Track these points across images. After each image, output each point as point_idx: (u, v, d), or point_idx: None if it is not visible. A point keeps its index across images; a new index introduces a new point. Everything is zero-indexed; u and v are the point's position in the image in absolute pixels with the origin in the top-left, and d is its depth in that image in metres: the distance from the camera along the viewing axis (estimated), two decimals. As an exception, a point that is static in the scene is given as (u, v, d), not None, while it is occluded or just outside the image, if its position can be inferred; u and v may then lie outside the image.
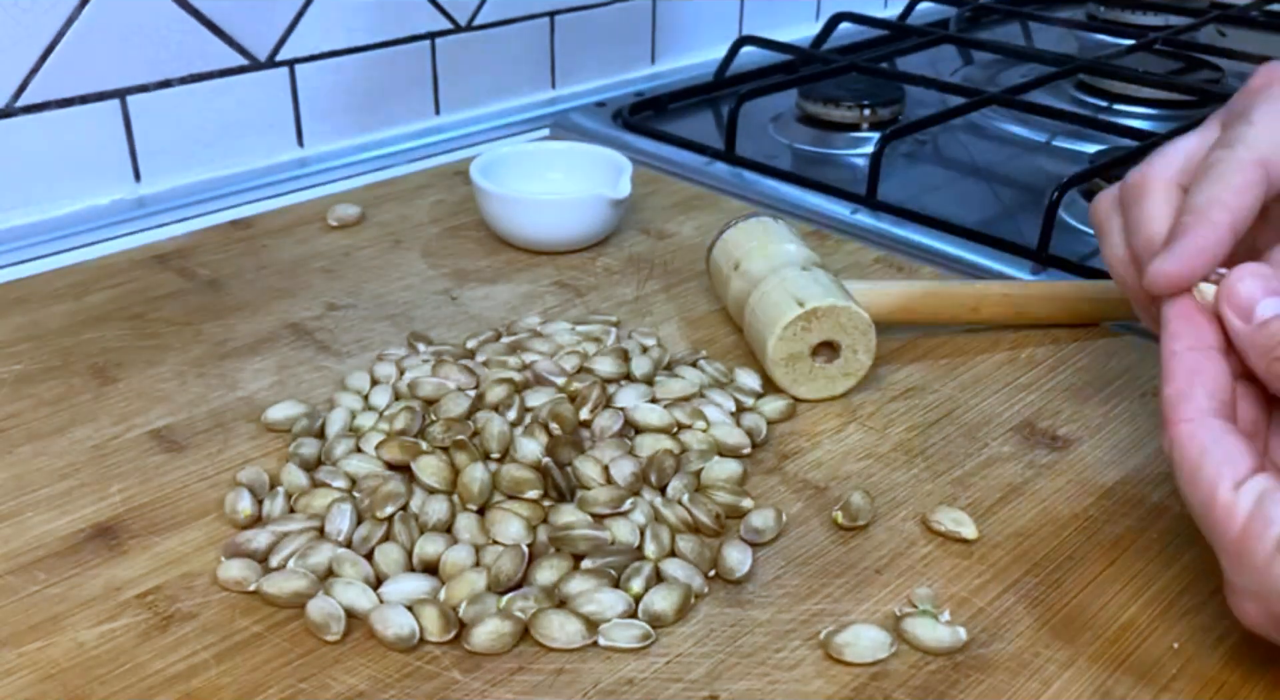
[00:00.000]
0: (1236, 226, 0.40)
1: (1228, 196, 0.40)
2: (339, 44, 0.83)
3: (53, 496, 0.48)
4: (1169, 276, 0.40)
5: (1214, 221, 0.40)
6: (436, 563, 0.44)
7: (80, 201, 0.75)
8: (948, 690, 0.39)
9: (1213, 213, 0.40)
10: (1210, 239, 0.40)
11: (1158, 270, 0.40)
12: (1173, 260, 0.40)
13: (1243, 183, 0.40)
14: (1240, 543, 0.36)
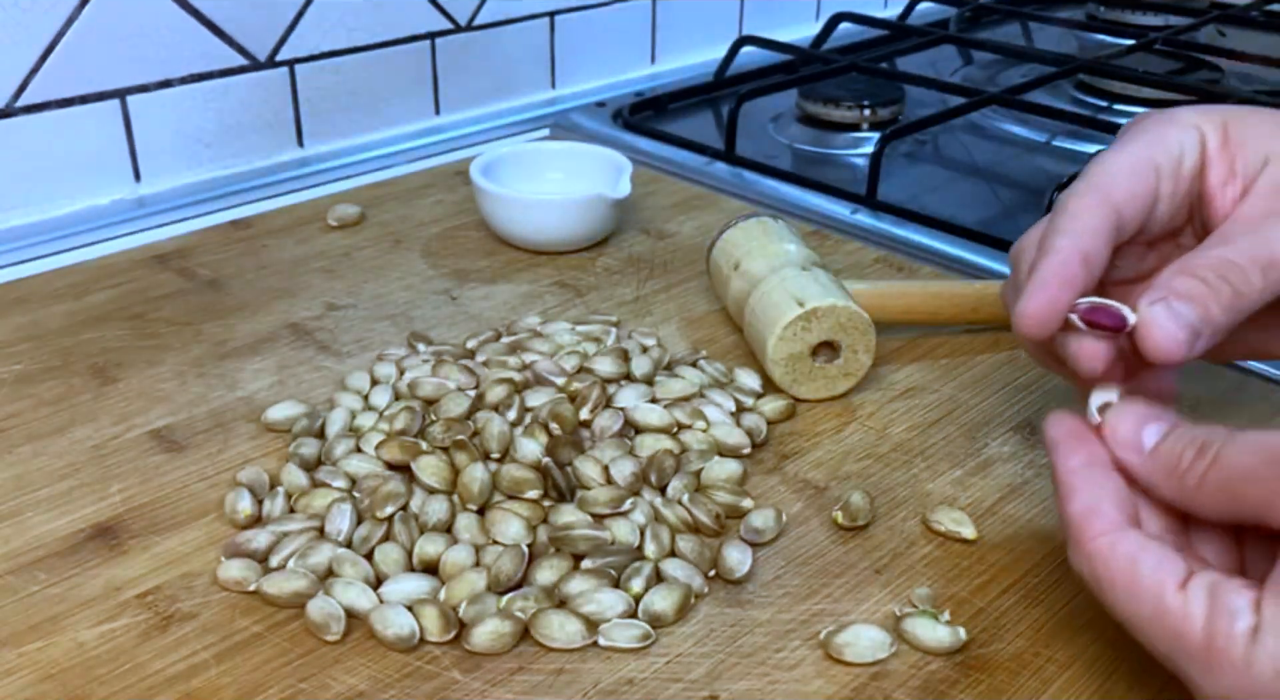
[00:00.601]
0: (1085, 251, 0.39)
1: (1066, 223, 0.40)
2: (339, 44, 0.83)
3: (53, 496, 0.48)
4: (1030, 316, 0.39)
5: (1057, 249, 0.39)
6: (436, 563, 0.44)
7: (80, 201, 0.75)
8: (948, 690, 0.39)
9: (1056, 242, 0.39)
10: (1056, 266, 0.39)
11: (1019, 314, 0.39)
12: (1028, 299, 0.39)
13: (1078, 208, 0.40)
14: (1208, 646, 0.33)
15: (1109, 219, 0.40)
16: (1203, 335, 0.37)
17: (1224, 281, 0.38)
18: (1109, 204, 0.40)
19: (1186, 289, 0.37)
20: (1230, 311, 0.38)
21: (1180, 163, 0.42)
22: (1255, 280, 0.38)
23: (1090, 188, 0.41)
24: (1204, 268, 0.38)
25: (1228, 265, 0.38)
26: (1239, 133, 0.42)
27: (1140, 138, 0.42)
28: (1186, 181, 0.42)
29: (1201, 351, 0.38)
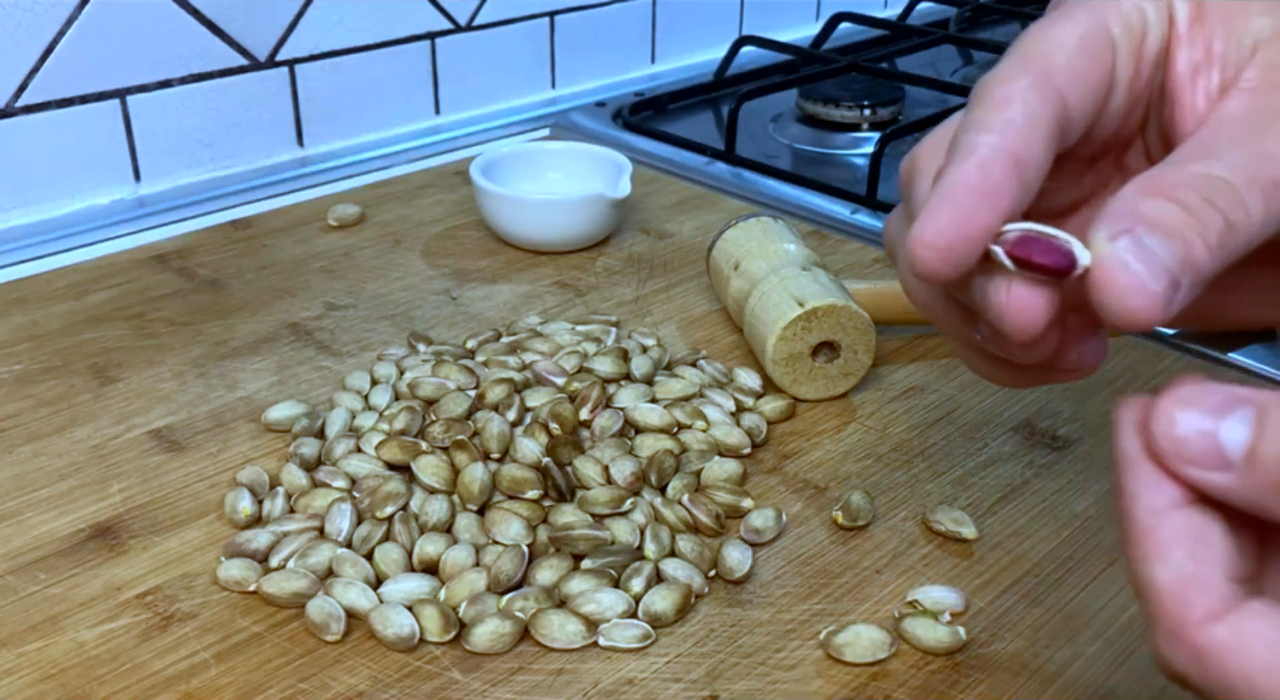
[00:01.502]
0: (1015, 151, 0.28)
1: (988, 114, 0.28)
2: (339, 44, 0.83)
3: (53, 496, 0.48)
4: (930, 244, 0.27)
5: (973, 148, 0.28)
6: (436, 563, 0.44)
7: (80, 201, 0.75)
8: (948, 690, 0.39)
9: (972, 140, 0.28)
10: (970, 172, 0.27)
11: (913, 241, 0.27)
12: (926, 219, 0.27)
13: (1006, 94, 0.29)
14: None
15: (1050, 109, 0.29)
16: (1183, 286, 0.26)
17: (1212, 207, 0.27)
18: (1049, 88, 0.29)
19: (1161, 216, 0.26)
20: (1220, 252, 0.27)
21: (1141, 39, 0.30)
22: (1254, 207, 0.27)
23: (1023, 66, 0.29)
24: (1183, 187, 0.27)
25: (1217, 184, 0.27)
26: (1218, 4, 0.30)
27: (1087, 3, 0.31)
28: (1148, 67, 0.30)
29: (1179, 307, 0.26)
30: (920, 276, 0.28)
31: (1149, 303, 0.26)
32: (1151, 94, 0.31)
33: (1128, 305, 0.26)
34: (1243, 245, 0.27)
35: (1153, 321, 0.26)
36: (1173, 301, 0.26)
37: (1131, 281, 0.26)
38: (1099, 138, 0.31)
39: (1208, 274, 0.27)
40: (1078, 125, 0.30)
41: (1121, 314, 0.26)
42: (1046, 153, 0.28)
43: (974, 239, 0.27)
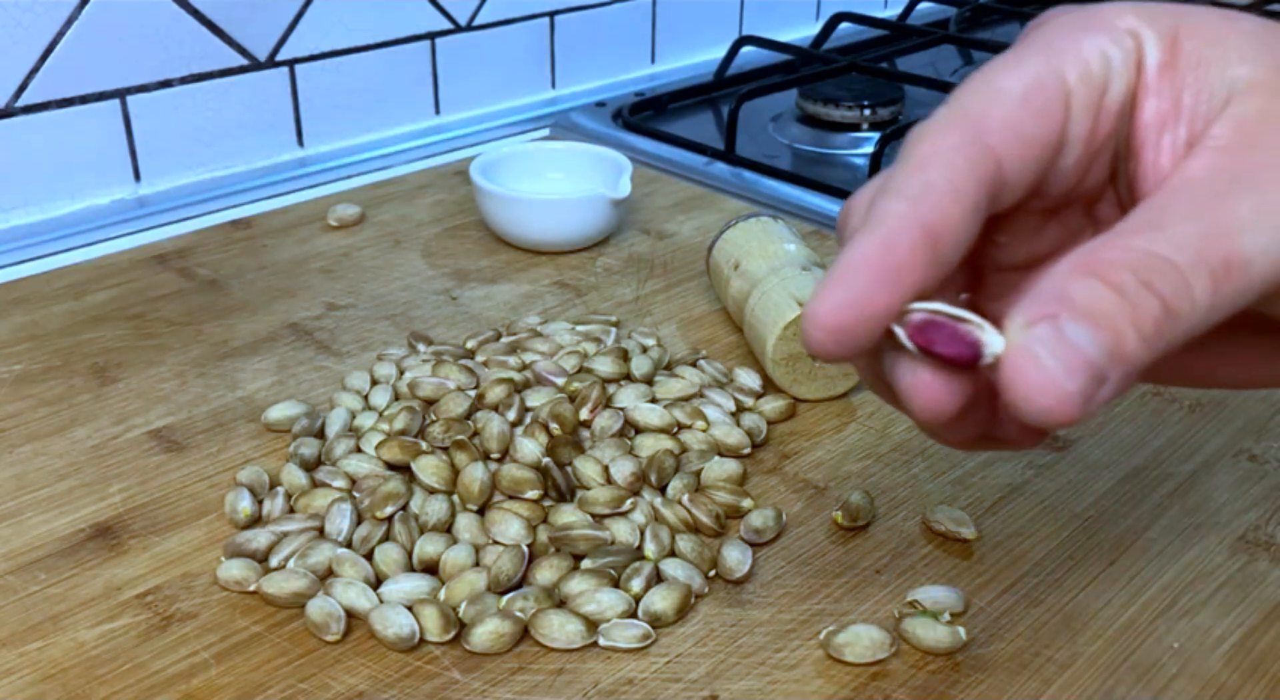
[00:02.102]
0: (928, 222, 0.25)
1: (907, 176, 0.26)
2: (339, 44, 0.83)
3: (53, 496, 0.48)
4: (821, 325, 0.25)
5: (882, 218, 0.25)
6: (436, 563, 0.44)
7: (80, 201, 0.75)
8: (948, 690, 0.39)
9: (884, 207, 0.25)
10: (873, 248, 0.25)
11: (805, 319, 0.26)
12: (820, 297, 0.25)
13: (930, 152, 0.26)
14: None
15: (979, 172, 0.26)
16: (1110, 380, 0.24)
17: (1149, 292, 0.24)
18: (980, 147, 0.26)
19: (1090, 302, 0.24)
20: (1157, 342, 0.24)
21: (1103, 88, 0.27)
22: (1200, 293, 0.24)
23: (956, 120, 0.26)
24: (1120, 267, 0.24)
25: (1159, 265, 0.24)
26: (1194, 49, 0.27)
27: (1043, 46, 0.27)
28: (1111, 119, 0.27)
29: (1106, 404, 0.24)
30: (814, 356, 0.26)
31: (1060, 403, 0.23)
32: (1119, 146, 0.28)
33: (1037, 405, 0.24)
34: (1186, 334, 0.24)
35: (1068, 422, 0.24)
36: (1095, 398, 0.24)
37: (1042, 379, 0.23)
38: (1054, 193, 0.29)
39: (1144, 365, 0.24)
40: (1017, 186, 0.27)
41: (1030, 414, 0.24)
42: (970, 221, 0.26)
43: (870, 321, 0.25)
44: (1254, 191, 0.24)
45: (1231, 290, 0.24)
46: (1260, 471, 0.50)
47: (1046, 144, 0.27)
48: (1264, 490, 0.49)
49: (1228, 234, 0.24)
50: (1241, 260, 0.24)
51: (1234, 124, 0.26)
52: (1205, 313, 0.24)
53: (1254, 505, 0.48)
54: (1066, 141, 0.27)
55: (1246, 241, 0.24)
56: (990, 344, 0.25)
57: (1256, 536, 0.46)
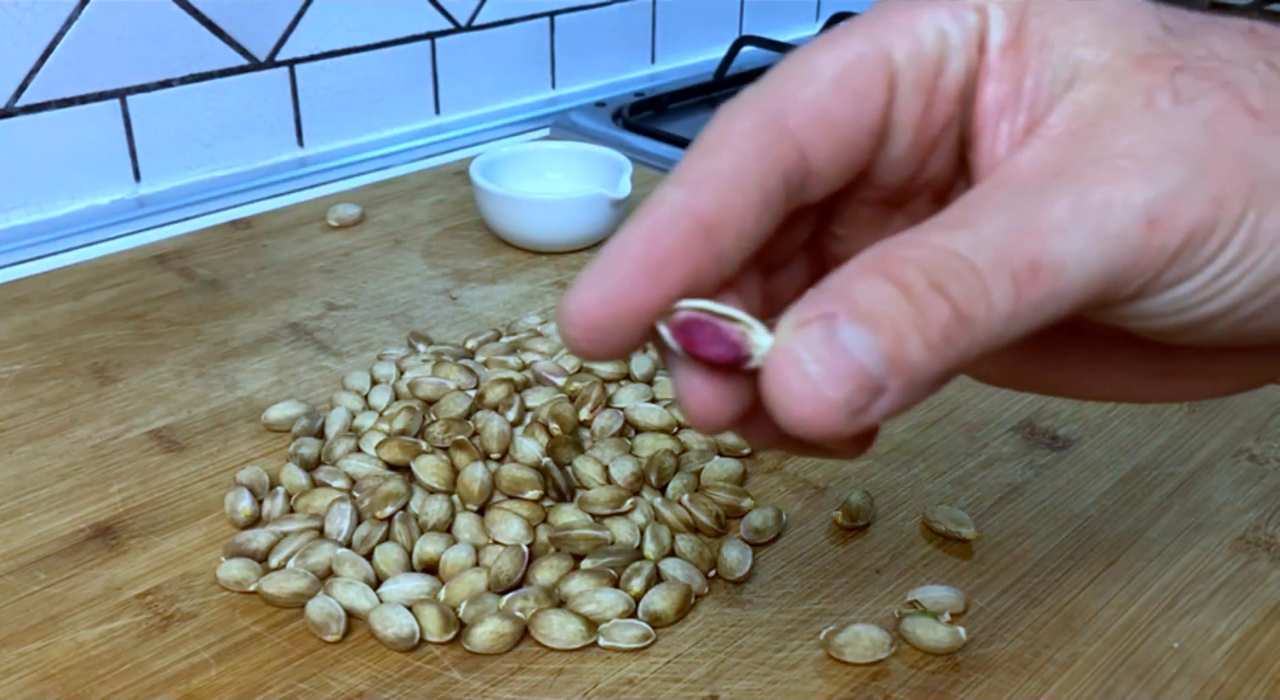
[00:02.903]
0: (703, 212, 0.23)
1: (693, 161, 0.23)
2: (339, 44, 0.83)
3: (53, 496, 0.48)
4: (576, 317, 0.23)
5: (654, 206, 0.23)
6: (436, 563, 0.44)
7: (80, 201, 0.75)
8: (948, 690, 0.39)
9: (661, 194, 0.23)
10: (640, 236, 0.23)
11: (560, 311, 0.23)
12: (577, 288, 0.23)
13: (721, 137, 0.23)
14: None
15: (771, 157, 0.23)
16: (890, 392, 0.21)
17: (939, 295, 0.21)
18: (779, 131, 0.23)
19: (871, 303, 0.21)
20: (947, 351, 0.21)
21: (937, 68, 0.24)
22: (1000, 297, 0.21)
23: (754, 102, 0.24)
24: (910, 265, 0.21)
25: (952, 265, 0.21)
26: (1040, 27, 0.24)
27: (875, 20, 0.24)
28: (948, 102, 0.24)
29: (887, 417, 0.21)
30: (574, 354, 0.23)
31: (819, 413, 0.21)
32: (965, 131, 0.25)
33: (793, 414, 0.21)
34: (987, 344, 0.21)
35: (834, 433, 0.21)
36: (869, 410, 0.21)
37: (801, 386, 0.21)
38: (888, 183, 0.26)
39: (935, 376, 0.21)
40: (829, 175, 0.24)
41: (788, 423, 0.21)
42: (759, 212, 0.23)
43: (629, 319, 0.22)
44: (1075, 188, 0.22)
45: (1039, 298, 0.21)
46: (1260, 471, 0.50)
47: (862, 129, 0.24)
48: (1264, 490, 0.49)
49: (1037, 234, 0.21)
50: (1051, 264, 0.21)
51: (1071, 111, 0.23)
52: (1006, 321, 0.21)
53: (1254, 505, 0.48)
54: (892, 126, 0.24)
55: (1058, 244, 0.21)
56: (759, 345, 0.22)
57: (1256, 536, 0.46)
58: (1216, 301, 0.23)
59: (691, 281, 0.23)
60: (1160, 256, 0.22)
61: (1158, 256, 0.22)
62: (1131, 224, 0.21)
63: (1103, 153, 0.22)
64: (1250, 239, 0.22)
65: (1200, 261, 0.22)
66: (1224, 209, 0.22)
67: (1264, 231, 0.22)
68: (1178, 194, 0.21)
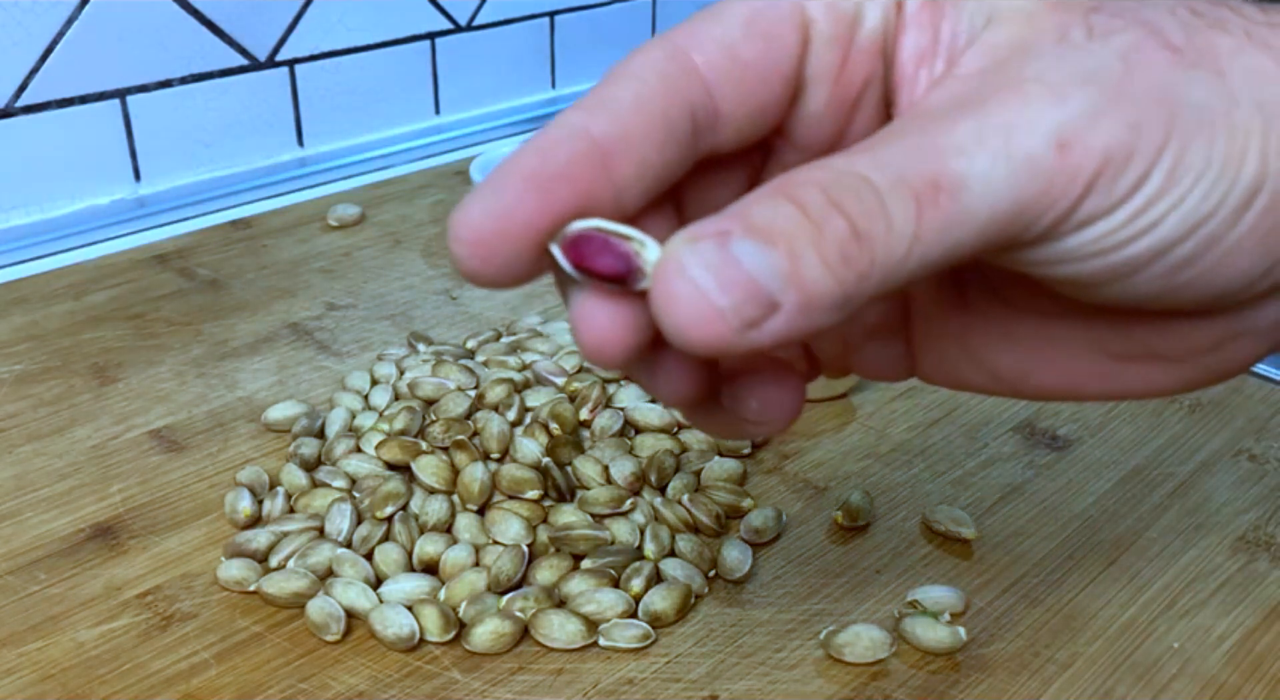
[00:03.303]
0: (601, 136, 0.22)
1: (597, 90, 0.23)
2: (339, 44, 0.83)
3: (53, 496, 0.48)
4: (465, 231, 0.22)
5: (548, 135, 0.22)
6: (436, 563, 0.44)
7: (80, 201, 0.75)
8: (948, 690, 0.39)
9: (561, 120, 0.22)
10: (533, 152, 0.22)
11: (451, 228, 0.23)
12: (468, 202, 0.23)
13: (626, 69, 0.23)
14: None
15: (673, 88, 0.22)
16: (784, 309, 0.20)
17: (836, 212, 0.20)
18: (681, 65, 0.23)
19: (767, 220, 0.20)
20: (845, 270, 0.20)
21: (853, 21, 0.24)
22: (900, 216, 0.20)
23: (663, 38, 0.23)
24: (810, 185, 0.20)
25: (849, 182, 0.20)
26: None
27: None
28: (867, 57, 0.24)
29: (783, 338, 0.20)
30: (464, 276, 0.22)
31: (707, 319, 0.20)
32: (886, 92, 0.25)
33: (678, 320, 0.20)
34: (888, 269, 0.20)
35: (724, 345, 0.20)
36: (761, 327, 0.20)
37: (687, 291, 0.20)
38: (809, 141, 0.25)
39: (835, 300, 0.20)
40: (737, 118, 0.23)
41: (674, 333, 0.20)
42: (660, 141, 0.22)
43: (517, 234, 0.21)
44: (979, 110, 0.21)
45: (942, 220, 0.20)
46: (1260, 471, 0.50)
47: (770, 73, 0.23)
48: (1264, 490, 0.49)
49: (939, 154, 0.21)
50: (952, 183, 0.20)
51: (983, 52, 0.23)
52: (909, 243, 0.20)
53: (1254, 505, 0.48)
54: (807, 78, 0.24)
55: (961, 164, 0.20)
56: (651, 261, 0.21)
57: (1256, 536, 0.46)
58: (1143, 241, 0.21)
59: (585, 204, 0.22)
60: (1074, 184, 0.21)
61: (1071, 183, 0.21)
62: (1039, 147, 0.20)
63: (1009, 80, 0.21)
64: (1173, 170, 0.21)
65: (1120, 193, 0.21)
66: (1142, 137, 0.21)
67: (1188, 164, 0.21)
68: (1089, 117, 0.21)
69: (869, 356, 0.29)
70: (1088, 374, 0.26)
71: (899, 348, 0.28)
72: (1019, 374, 0.27)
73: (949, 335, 0.27)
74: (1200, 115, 0.21)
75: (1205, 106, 0.21)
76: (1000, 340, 0.27)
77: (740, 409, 0.26)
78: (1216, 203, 0.21)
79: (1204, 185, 0.21)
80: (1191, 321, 0.25)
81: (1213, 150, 0.21)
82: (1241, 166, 0.21)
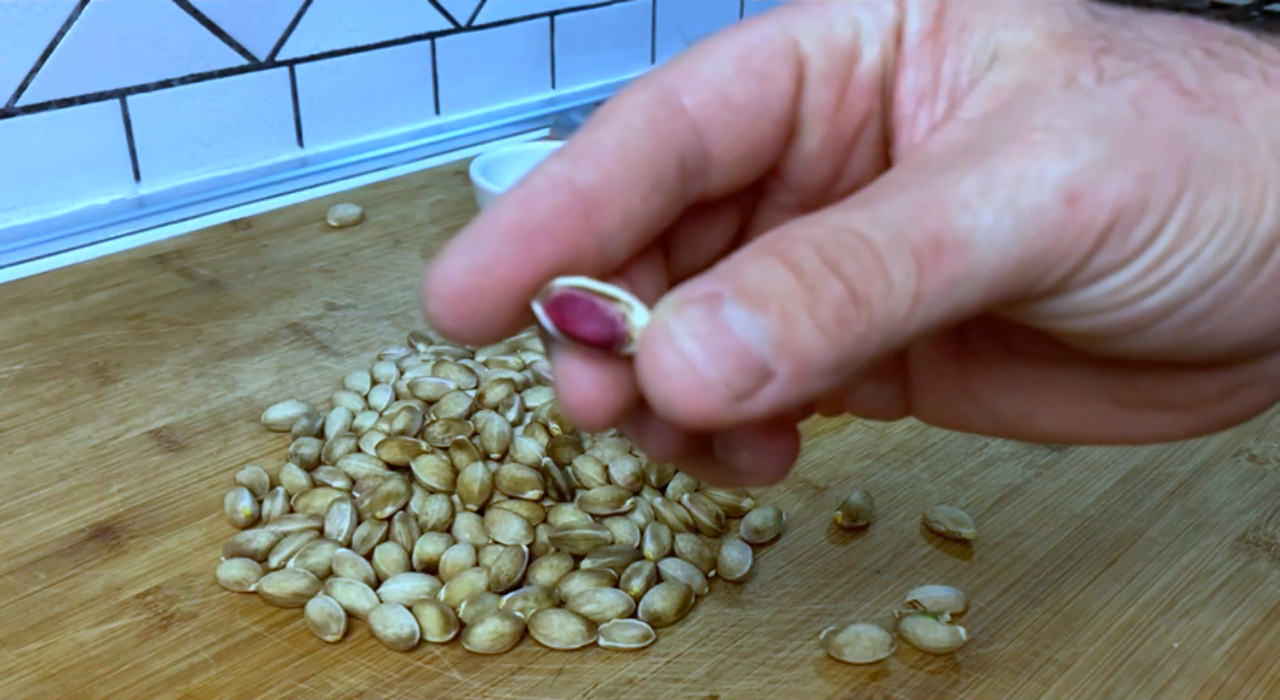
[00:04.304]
0: (585, 186, 0.21)
1: (581, 135, 0.21)
2: (339, 44, 0.83)
3: (53, 496, 0.48)
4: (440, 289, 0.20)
5: (529, 185, 0.21)
6: (436, 563, 0.44)
7: (80, 201, 0.75)
8: (948, 690, 0.39)
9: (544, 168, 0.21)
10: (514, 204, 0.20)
11: (426, 284, 0.21)
12: (444, 257, 0.20)
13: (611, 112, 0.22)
14: None
15: (662, 132, 0.21)
16: (779, 378, 0.19)
17: (833, 274, 0.19)
18: (669, 107, 0.22)
19: (760, 282, 0.19)
20: (843, 334, 0.19)
21: (850, 57, 0.23)
22: (900, 277, 0.19)
23: (650, 78, 0.22)
24: (803, 243, 0.20)
25: (848, 242, 0.19)
26: (960, 14, 0.22)
27: (785, 9, 0.23)
28: (864, 95, 0.23)
29: (777, 408, 0.19)
30: (440, 334, 0.21)
31: (695, 392, 0.19)
32: (884, 131, 0.23)
33: (664, 392, 0.19)
34: (888, 330, 0.19)
35: (714, 418, 0.19)
36: (754, 396, 0.19)
37: (673, 361, 0.19)
38: (805, 184, 0.24)
39: (831, 365, 0.19)
40: (728, 161, 0.22)
41: (662, 406, 0.19)
42: (647, 190, 0.21)
43: (494, 292, 0.20)
44: (984, 161, 0.20)
45: (946, 279, 0.19)
46: (1260, 471, 0.50)
47: (765, 115, 0.22)
48: (1264, 490, 0.49)
49: (940, 209, 0.19)
50: (956, 241, 0.19)
51: (988, 94, 0.21)
52: (910, 304, 0.19)
53: (1254, 505, 0.48)
54: (803, 118, 0.23)
55: (966, 219, 0.19)
56: (638, 325, 0.20)
57: (1256, 536, 0.47)
58: (1158, 295, 0.21)
59: (568, 258, 0.20)
60: (1084, 238, 0.20)
61: (1081, 237, 0.20)
62: (1048, 200, 0.20)
63: (1016, 128, 0.20)
64: (1188, 222, 0.20)
65: (1133, 246, 0.20)
66: (1155, 187, 0.20)
67: (1204, 215, 0.20)
68: (1100, 168, 0.20)
69: (864, 398, 0.28)
70: (1092, 420, 0.26)
71: (895, 388, 0.28)
72: (1020, 418, 0.26)
73: (948, 379, 0.26)
74: (1216, 164, 0.20)
75: (1221, 155, 0.20)
76: (1002, 385, 0.26)
77: (734, 462, 0.25)
78: (1234, 255, 0.20)
79: (1221, 237, 0.20)
80: (1204, 371, 0.24)
81: (1229, 200, 0.20)
82: (1260, 216, 0.20)
